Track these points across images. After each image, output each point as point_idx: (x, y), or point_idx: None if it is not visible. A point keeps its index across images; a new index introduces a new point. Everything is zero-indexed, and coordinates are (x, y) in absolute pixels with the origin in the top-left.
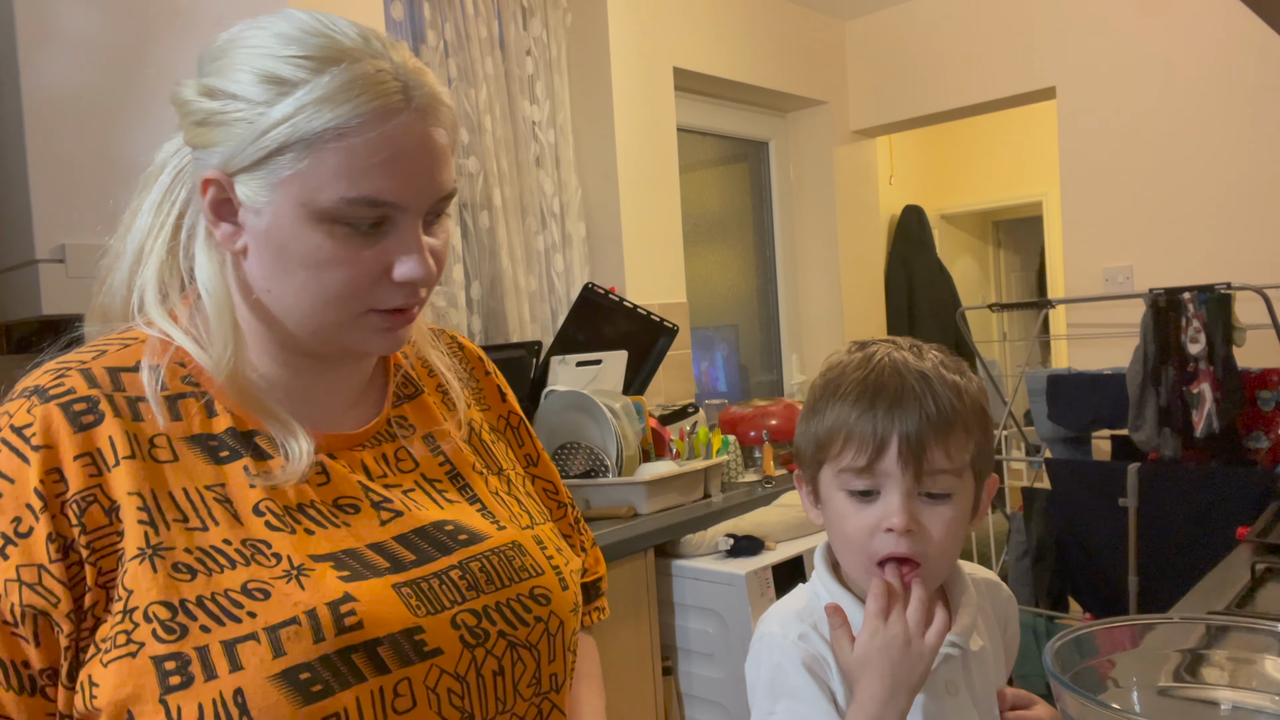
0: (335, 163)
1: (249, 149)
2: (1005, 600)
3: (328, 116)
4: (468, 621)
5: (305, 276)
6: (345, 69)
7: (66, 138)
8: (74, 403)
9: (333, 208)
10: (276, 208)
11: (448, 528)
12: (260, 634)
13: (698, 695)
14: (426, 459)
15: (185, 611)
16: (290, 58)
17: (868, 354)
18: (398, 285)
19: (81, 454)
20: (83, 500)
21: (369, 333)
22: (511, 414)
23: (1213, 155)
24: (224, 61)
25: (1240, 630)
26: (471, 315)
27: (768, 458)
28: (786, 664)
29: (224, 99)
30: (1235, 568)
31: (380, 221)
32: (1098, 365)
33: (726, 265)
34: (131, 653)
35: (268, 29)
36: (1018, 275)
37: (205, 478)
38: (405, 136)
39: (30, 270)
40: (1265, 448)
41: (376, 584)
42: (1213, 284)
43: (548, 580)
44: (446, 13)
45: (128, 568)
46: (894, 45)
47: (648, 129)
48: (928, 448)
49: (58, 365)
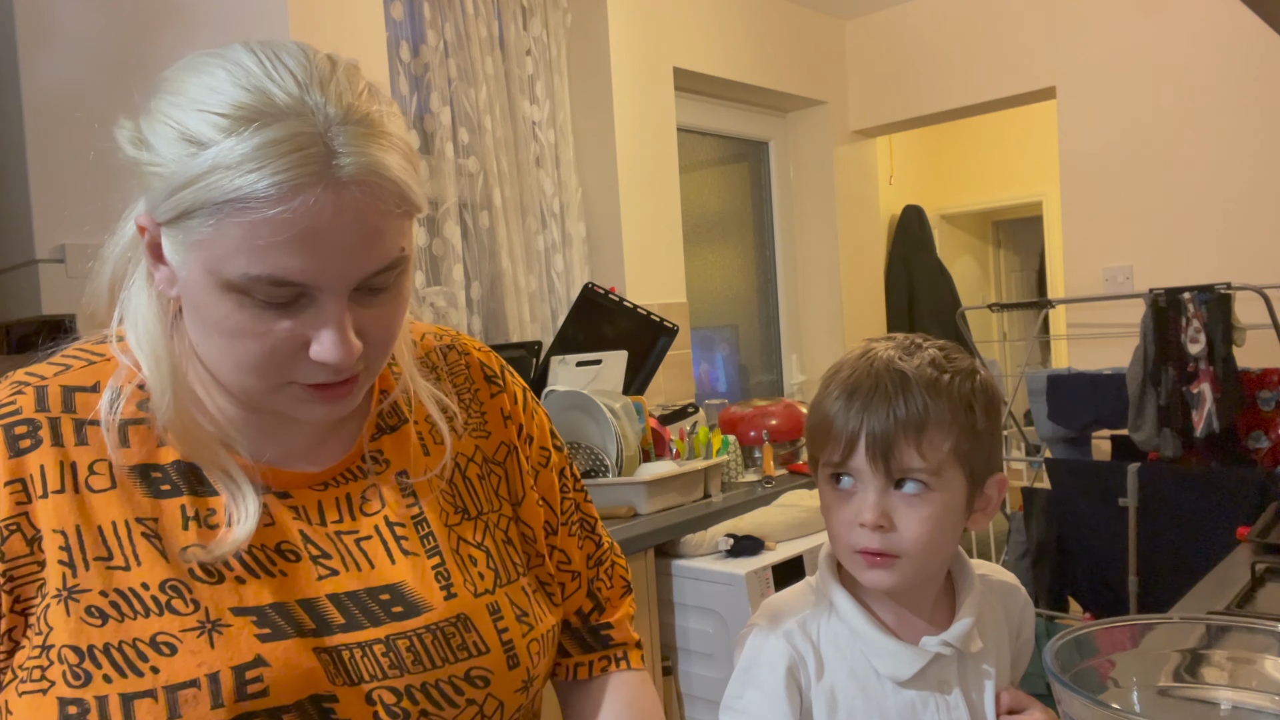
0: (238, 235)
1: (164, 205)
2: (1022, 606)
3: (232, 185)
4: (385, 699)
5: (220, 341)
6: (258, 131)
7: (66, 138)
8: (16, 424)
9: (238, 281)
10: (189, 269)
11: (383, 596)
12: (159, 692)
13: (698, 695)
14: (395, 502)
15: (91, 658)
16: (209, 113)
17: (864, 351)
18: (317, 363)
19: (13, 480)
20: (6, 528)
21: (296, 403)
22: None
23: (1213, 155)
24: (153, 105)
25: (1240, 630)
26: (471, 315)
27: (768, 458)
28: (763, 658)
29: (145, 149)
30: (1235, 568)
31: (297, 297)
32: (1098, 365)
33: (726, 265)
34: (43, 689)
35: (202, 74)
36: (1018, 275)
37: (140, 509)
38: (318, 213)
39: (30, 270)
40: (1265, 448)
41: (295, 645)
42: (1213, 284)
43: (491, 660)
44: (446, 13)
45: (49, 603)
46: (894, 45)
47: (648, 129)
48: (895, 445)
49: (18, 379)
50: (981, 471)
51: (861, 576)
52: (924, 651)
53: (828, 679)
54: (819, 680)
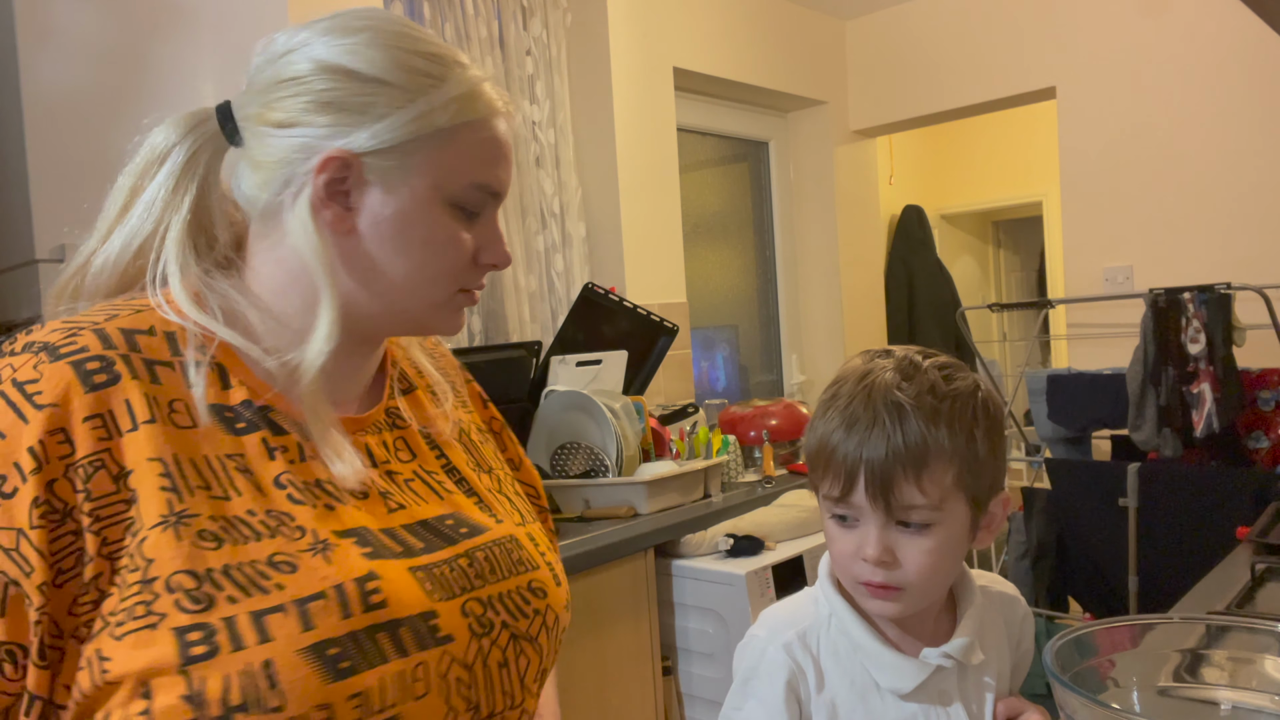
0: (470, 153)
1: (395, 132)
2: (1022, 617)
3: (473, 109)
4: (475, 610)
5: (424, 255)
6: (467, 69)
7: (66, 138)
8: (87, 361)
9: (461, 192)
10: (411, 188)
11: (449, 521)
12: (289, 606)
13: (698, 695)
14: (425, 453)
15: (211, 581)
16: (426, 54)
17: (863, 376)
18: (480, 268)
19: (91, 415)
20: (90, 465)
21: (452, 311)
22: (494, 419)
23: (1213, 155)
24: (349, 44)
25: (1240, 630)
26: (471, 315)
27: (768, 458)
28: (762, 669)
29: (365, 82)
30: (1235, 568)
31: (479, 210)
32: (1098, 365)
33: (726, 265)
34: (151, 624)
35: (389, 24)
36: (1018, 275)
37: (226, 446)
38: (510, 138)
39: (30, 270)
40: (1265, 448)
41: (395, 564)
42: (1213, 284)
43: (543, 575)
44: (446, 13)
45: (147, 535)
46: (894, 45)
47: (648, 129)
48: (895, 483)
49: (66, 324)
50: (985, 496)
51: (866, 605)
52: (925, 664)
53: (828, 691)
54: (819, 693)
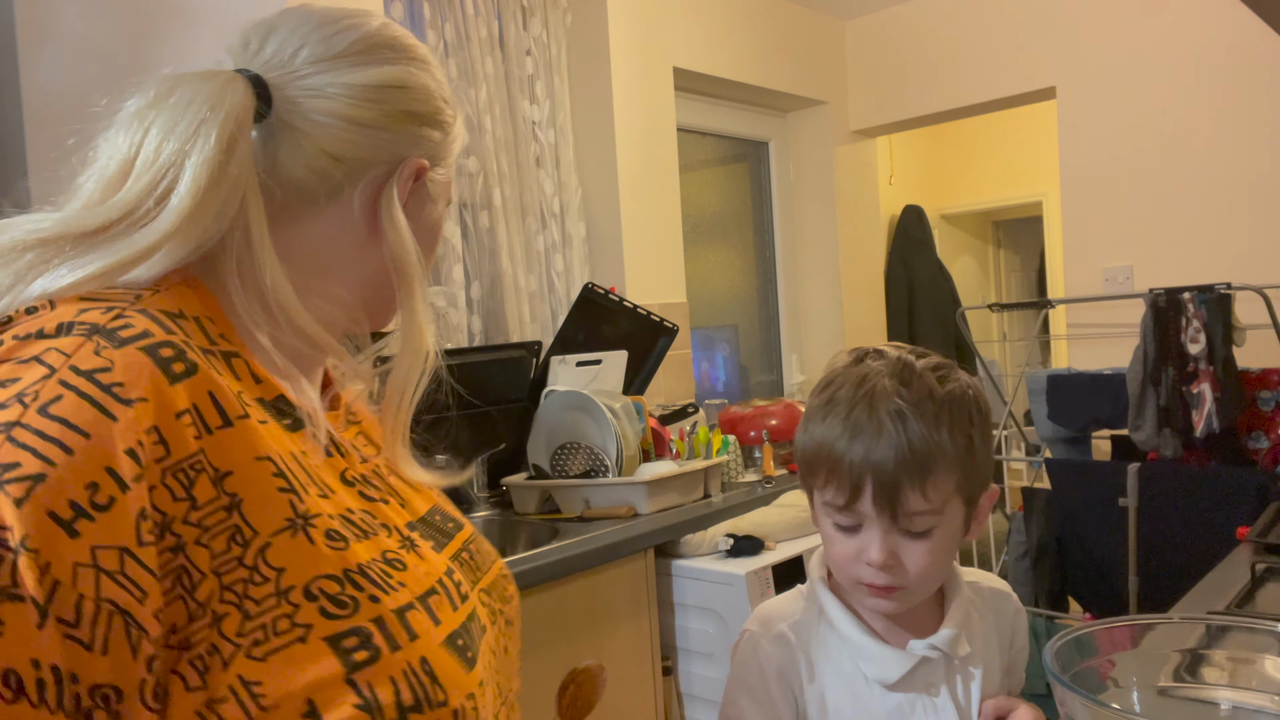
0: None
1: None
2: (1013, 613)
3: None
4: (484, 599)
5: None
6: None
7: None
8: (160, 346)
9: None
10: (444, 195)
11: (437, 516)
12: (416, 603)
13: (698, 695)
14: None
15: (352, 583)
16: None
17: (861, 375)
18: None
19: (183, 411)
20: (192, 468)
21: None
22: None
23: (1213, 155)
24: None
25: (1240, 630)
26: (471, 315)
27: (768, 458)
28: (754, 664)
29: (449, 106)
30: (1235, 568)
31: None
32: (1098, 365)
33: (726, 265)
34: (299, 637)
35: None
36: (1018, 275)
37: (294, 442)
38: None
39: None
40: (1265, 448)
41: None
42: (1213, 284)
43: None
44: (446, 13)
45: (271, 542)
46: (894, 45)
47: (648, 129)
48: (902, 492)
49: (93, 303)
50: (978, 494)
51: (864, 604)
52: (911, 655)
53: (818, 683)
54: (810, 684)
